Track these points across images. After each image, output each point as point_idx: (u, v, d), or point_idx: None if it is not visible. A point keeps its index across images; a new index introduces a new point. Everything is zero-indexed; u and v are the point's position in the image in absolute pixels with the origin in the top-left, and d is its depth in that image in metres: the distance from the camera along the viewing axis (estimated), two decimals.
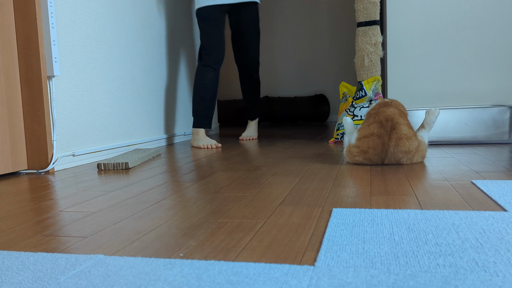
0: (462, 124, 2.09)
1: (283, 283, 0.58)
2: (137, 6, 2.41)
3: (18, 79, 1.70)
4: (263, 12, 4.99)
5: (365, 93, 2.24)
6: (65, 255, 0.72)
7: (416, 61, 2.29)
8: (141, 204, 1.08)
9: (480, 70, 2.22)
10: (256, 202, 1.05)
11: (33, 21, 1.67)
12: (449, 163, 1.55)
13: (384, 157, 1.53)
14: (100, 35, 2.08)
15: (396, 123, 1.51)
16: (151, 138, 2.54)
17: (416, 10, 2.27)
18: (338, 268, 0.62)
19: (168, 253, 0.72)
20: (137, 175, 1.54)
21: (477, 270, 0.60)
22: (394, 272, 0.60)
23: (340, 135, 2.34)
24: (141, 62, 2.45)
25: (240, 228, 0.84)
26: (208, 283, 0.59)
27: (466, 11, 2.21)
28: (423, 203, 0.98)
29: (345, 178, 1.33)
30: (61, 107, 1.80)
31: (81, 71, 1.93)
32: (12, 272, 0.65)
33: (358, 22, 2.28)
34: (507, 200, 0.97)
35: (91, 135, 2.00)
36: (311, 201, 1.04)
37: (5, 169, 1.63)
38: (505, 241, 0.71)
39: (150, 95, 2.54)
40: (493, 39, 2.19)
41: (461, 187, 1.14)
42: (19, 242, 0.82)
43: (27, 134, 1.72)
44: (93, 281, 0.61)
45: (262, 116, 4.59)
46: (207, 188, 1.25)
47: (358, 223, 0.83)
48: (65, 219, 0.97)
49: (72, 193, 1.26)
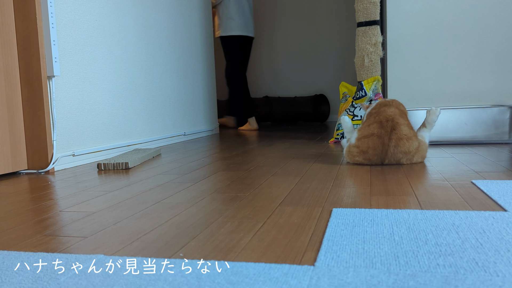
0: (462, 124, 2.09)
1: (283, 283, 0.58)
2: (137, 6, 2.41)
3: (18, 79, 1.70)
4: (263, 12, 5.00)
5: (365, 93, 2.24)
6: (65, 255, 0.72)
7: (416, 61, 2.29)
8: (141, 204, 1.08)
9: (480, 70, 2.22)
10: (256, 202, 1.05)
11: (33, 21, 1.67)
12: (449, 163, 1.55)
13: (384, 158, 1.53)
14: (100, 35, 2.08)
15: (397, 123, 1.51)
16: (151, 138, 2.54)
17: (416, 10, 2.27)
18: (338, 268, 0.62)
19: (168, 253, 0.72)
20: (137, 175, 1.54)
21: (477, 270, 0.60)
22: (394, 272, 0.60)
23: (340, 135, 2.34)
24: (141, 62, 2.45)
25: (240, 228, 0.84)
26: (208, 283, 0.59)
27: (466, 11, 2.21)
28: (423, 203, 0.98)
29: (345, 178, 1.33)
30: (61, 107, 1.80)
31: (81, 71, 1.93)
32: (12, 272, 0.65)
33: (358, 22, 2.28)
34: (507, 200, 0.97)
35: (91, 135, 2.00)
36: (311, 201, 1.04)
37: (5, 169, 1.63)
38: (505, 241, 0.71)
39: (150, 95, 2.54)
40: (493, 39, 2.19)
41: (461, 187, 1.14)
42: (19, 242, 0.82)
43: (27, 134, 1.72)
44: (93, 281, 0.61)
45: (262, 116, 4.60)
46: (207, 188, 1.25)
47: (358, 223, 0.83)
48: (65, 219, 0.97)
49: (72, 193, 1.26)
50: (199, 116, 3.26)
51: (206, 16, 3.44)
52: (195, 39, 3.21)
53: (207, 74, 3.45)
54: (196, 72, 3.23)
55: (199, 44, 3.28)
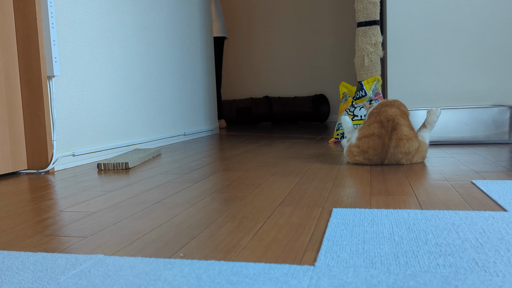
0: (462, 124, 2.09)
1: (283, 283, 0.58)
2: (137, 6, 2.41)
3: (18, 79, 1.70)
4: (263, 12, 5.00)
5: (365, 93, 2.24)
6: (65, 255, 0.72)
7: (416, 61, 2.29)
8: (141, 204, 1.08)
9: (480, 70, 2.22)
10: (256, 202, 1.05)
11: (33, 21, 1.67)
12: (449, 163, 1.55)
13: (384, 158, 1.53)
14: (100, 35, 2.08)
15: (397, 123, 1.51)
16: (151, 138, 2.54)
17: (416, 10, 2.27)
18: (338, 268, 0.62)
19: (168, 253, 0.72)
20: (137, 175, 1.54)
21: (477, 270, 0.60)
22: (394, 272, 0.60)
23: (340, 135, 2.34)
24: (141, 62, 2.45)
25: (240, 228, 0.84)
26: (208, 283, 0.59)
27: (466, 11, 2.21)
28: (423, 203, 0.98)
29: (345, 178, 1.33)
30: (61, 107, 1.80)
31: (81, 71, 1.93)
32: (12, 272, 0.65)
33: (358, 22, 2.28)
34: (507, 200, 0.97)
35: (91, 135, 2.00)
36: (311, 201, 1.04)
37: (5, 169, 1.63)
38: (505, 241, 0.71)
39: (150, 95, 2.54)
40: (493, 39, 2.19)
41: (461, 187, 1.14)
42: (19, 242, 0.82)
43: (27, 134, 1.72)
44: (93, 281, 0.61)
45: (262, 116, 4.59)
46: (207, 188, 1.25)
47: (358, 223, 0.83)
48: (65, 219, 0.97)
49: (72, 193, 1.26)
50: (199, 116, 3.26)
51: (206, 16, 3.44)
52: (195, 39, 3.21)
53: (207, 74, 3.45)
54: (196, 72, 3.23)
55: (199, 44, 3.28)
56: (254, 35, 5.03)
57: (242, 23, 5.06)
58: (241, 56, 5.09)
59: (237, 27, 5.08)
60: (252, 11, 5.02)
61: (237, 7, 5.06)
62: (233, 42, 5.12)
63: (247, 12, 5.04)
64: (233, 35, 5.11)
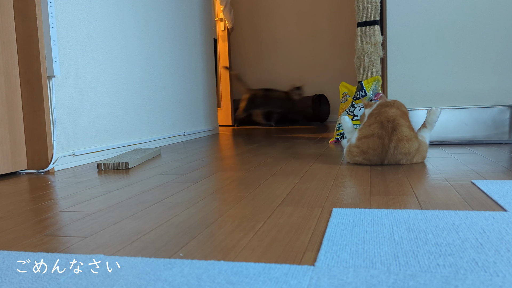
0: (462, 124, 2.09)
1: (283, 283, 0.58)
2: (138, 6, 2.41)
3: (18, 79, 1.70)
4: (263, 12, 5.00)
5: (365, 93, 2.24)
6: (65, 255, 0.72)
7: (416, 61, 2.29)
8: (141, 204, 1.08)
9: (480, 70, 2.22)
10: (256, 202, 1.05)
11: (33, 21, 1.67)
12: (449, 163, 1.55)
13: (384, 158, 1.53)
14: (100, 35, 2.08)
15: (397, 124, 1.51)
16: (151, 138, 2.54)
17: (416, 10, 2.27)
18: (338, 268, 0.62)
19: (168, 253, 0.72)
20: (137, 175, 1.54)
21: (477, 270, 0.60)
22: (394, 272, 0.60)
23: (340, 135, 2.34)
24: (141, 62, 2.45)
25: (240, 228, 0.84)
26: (208, 283, 0.59)
27: (466, 11, 2.21)
28: (423, 203, 0.98)
29: (345, 178, 1.33)
30: (61, 107, 1.80)
31: (81, 71, 1.93)
32: (12, 272, 0.65)
33: (358, 22, 2.28)
34: (507, 200, 0.97)
35: (91, 135, 2.00)
36: (311, 201, 1.04)
37: (5, 169, 1.63)
38: (505, 241, 0.71)
39: (150, 95, 2.54)
40: (493, 39, 2.19)
41: (461, 187, 1.14)
42: (19, 242, 0.82)
43: (27, 134, 1.72)
44: (93, 281, 0.61)
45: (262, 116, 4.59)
46: (207, 188, 1.25)
47: (358, 223, 0.83)
48: (65, 219, 0.97)
49: (72, 193, 1.26)
50: (199, 116, 3.26)
51: (206, 16, 3.44)
52: (195, 39, 3.21)
53: (207, 74, 3.45)
54: (196, 72, 3.23)
55: (199, 44, 3.28)
56: (254, 35, 5.04)
57: (242, 23, 5.06)
58: (241, 56, 5.09)
59: (237, 27, 5.08)
60: (252, 11, 5.02)
61: (238, 6, 5.06)
62: (233, 42, 5.12)
63: (248, 12, 5.04)
64: (233, 34, 5.11)
